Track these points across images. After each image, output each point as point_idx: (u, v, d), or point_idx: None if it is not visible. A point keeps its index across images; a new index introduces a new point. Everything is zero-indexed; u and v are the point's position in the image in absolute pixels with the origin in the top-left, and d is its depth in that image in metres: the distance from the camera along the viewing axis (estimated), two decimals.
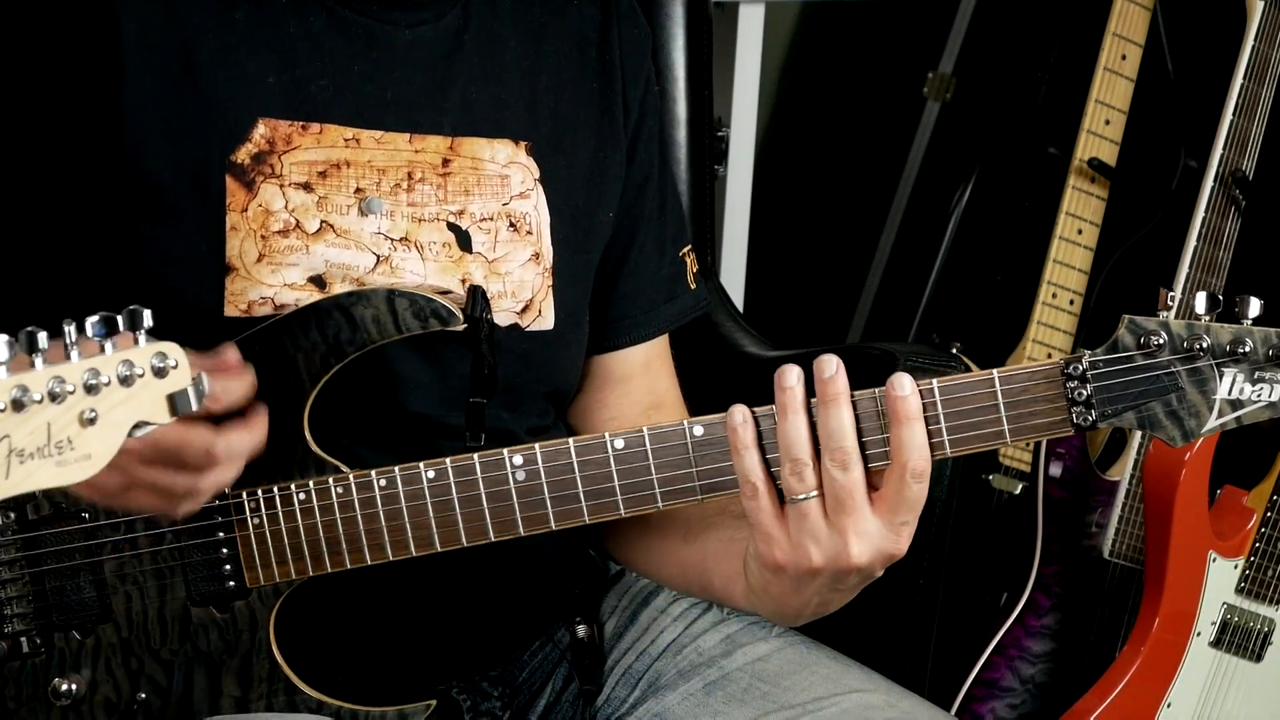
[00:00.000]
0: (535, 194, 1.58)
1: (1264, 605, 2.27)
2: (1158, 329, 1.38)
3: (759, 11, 2.77)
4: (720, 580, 1.52)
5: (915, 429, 1.36)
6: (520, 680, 1.67)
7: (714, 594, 1.55)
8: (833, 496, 1.37)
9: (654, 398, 1.71)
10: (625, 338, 1.69)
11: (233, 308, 1.46)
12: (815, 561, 1.37)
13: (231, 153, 1.46)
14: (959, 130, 3.25)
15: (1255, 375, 1.38)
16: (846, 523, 1.36)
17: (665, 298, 1.72)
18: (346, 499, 1.43)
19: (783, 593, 1.42)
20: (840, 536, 1.36)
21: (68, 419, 1.03)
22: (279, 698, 1.46)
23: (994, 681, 2.39)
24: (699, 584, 1.57)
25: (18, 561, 1.43)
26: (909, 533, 1.38)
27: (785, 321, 2.72)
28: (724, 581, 1.52)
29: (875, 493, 1.37)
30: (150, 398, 1.09)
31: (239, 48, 1.48)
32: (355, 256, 1.50)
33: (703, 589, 1.57)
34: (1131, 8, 2.55)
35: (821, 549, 1.37)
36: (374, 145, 1.51)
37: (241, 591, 1.44)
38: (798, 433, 1.37)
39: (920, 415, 1.36)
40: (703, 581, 1.56)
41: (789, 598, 1.43)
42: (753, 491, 1.38)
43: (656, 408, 1.71)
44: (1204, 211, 2.27)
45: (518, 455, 1.42)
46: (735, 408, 1.39)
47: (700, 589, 1.58)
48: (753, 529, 1.41)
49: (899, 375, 1.37)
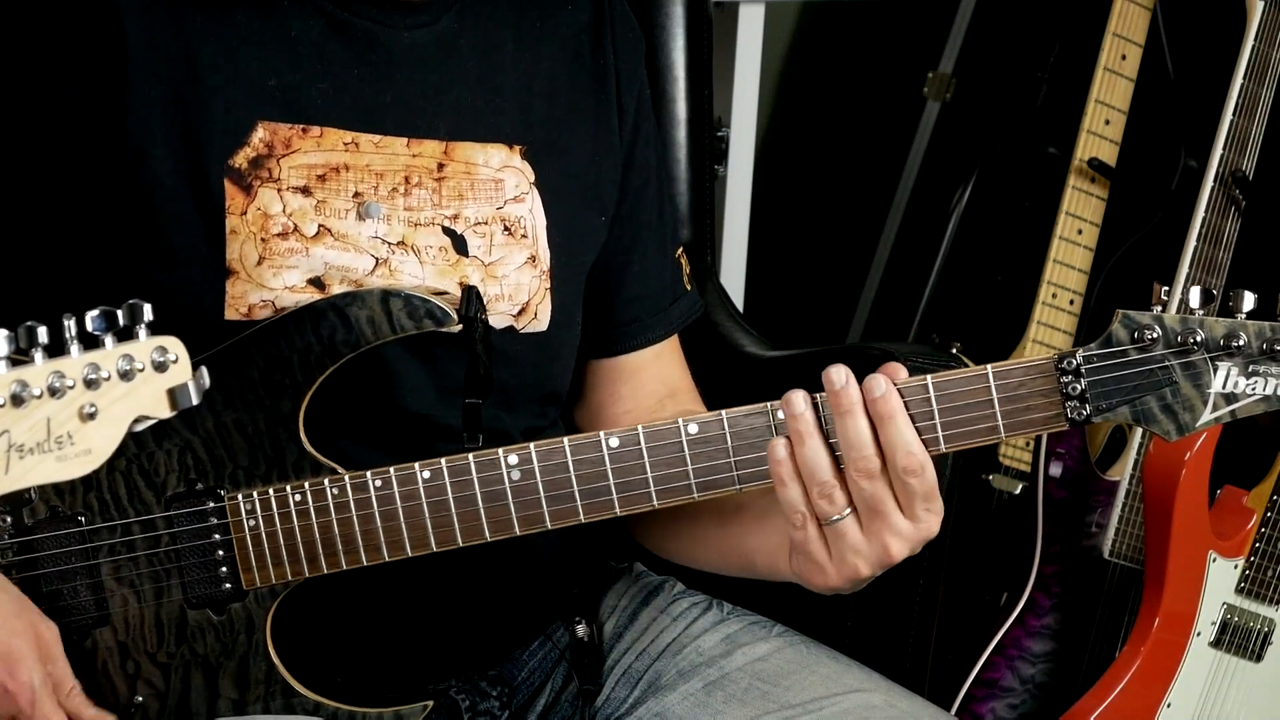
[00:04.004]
0: (530, 198, 1.58)
1: (1264, 605, 2.26)
2: (1152, 323, 1.38)
3: (759, 11, 2.77)
4: (764, 559, 1.54)
5: (897, 426, 1.36)
6: (519, 680, 1.67)
7: (758, 573, 1.57)
8: (865, 507, 1.39)
9: (667, 387, 1.72)
10: (636, 340, 1.70)
11: (233, 310, 1.46)
12: (863, 572, 1.41)
13: (230, 156, 1.46)
14: (959, 130, 3.25)
15: (1249, 369, 1.38)
16: (882, 528, 1.39)
17: (671, 299, 1.72)
18: (342, 500, 1.43)
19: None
20: (879, 542, 1.39)
21: (68, 414, 1.03)
22: (276, 700, 1.46)
23: (994, 681, 2.39)
24: (741, 565, 1.58)
25: (14, 565, 1.43)
26: (938, 513, 1.39)
27: (785, 321, 2.72)
28: (767, 560, 1.53)
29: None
30: (151, 392, 1.09)
31: (239, 50, 1.48)
32: (354, 259, 1.49)
33: (745, 569, 1.58)
34: (1131, 8, 2.54)
35: (865, 559, 1.40)
36: (372, 149, 1.51)
37: (238, 594, 1.44)
38: (818, 457, 1.39)
39: (899, 412, 1.37)
40: (744, 563, 1.57)
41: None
42: (801, 521, 1.40)
43: (671, 396, 1.71)
44: (1204, 211, 2.26)
45: (513, 455, 1.42)
46: (776, 441, 1.40)
47: (742, 569, 1.59)
48: (801, 557, 1.43)
49: (873, 376, 1.38)
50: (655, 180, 1.72)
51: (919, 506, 1.38)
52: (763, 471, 1.42)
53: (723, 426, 1.42)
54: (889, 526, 1.38)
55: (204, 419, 1.43)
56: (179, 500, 1.43)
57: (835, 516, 1.39)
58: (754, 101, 2.77)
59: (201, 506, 1.43)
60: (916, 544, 1.40)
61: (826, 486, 1.38)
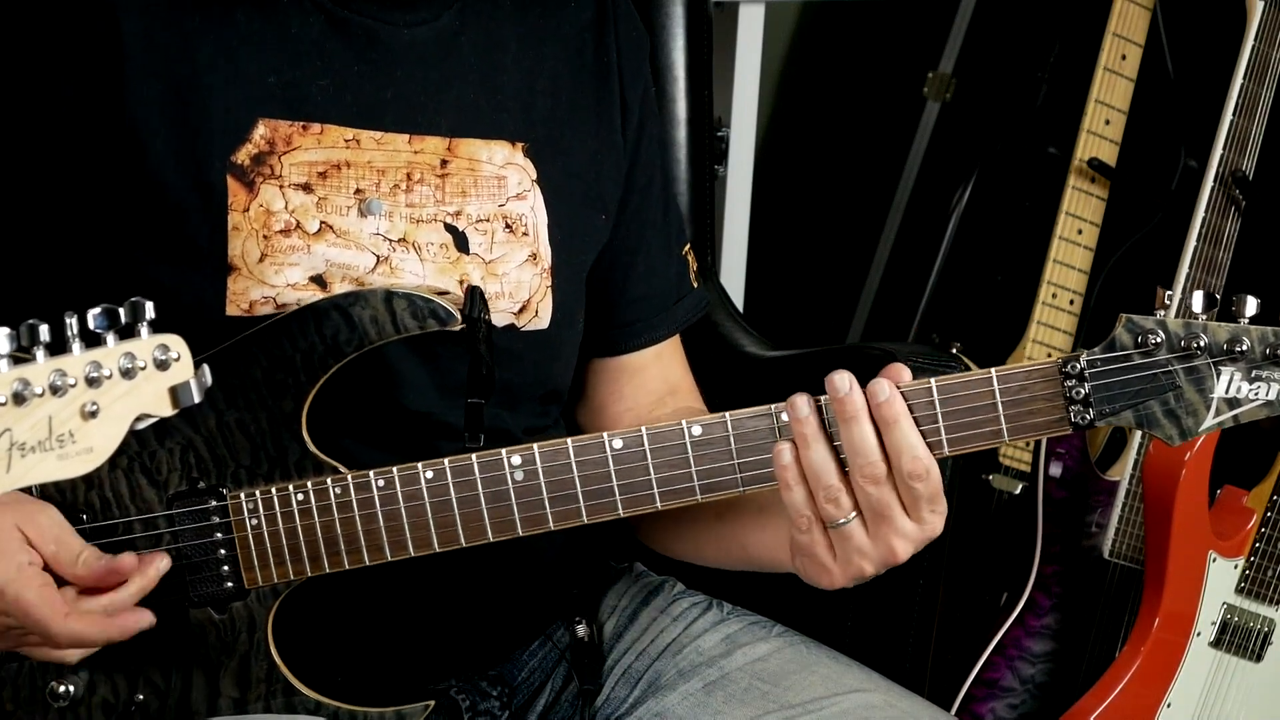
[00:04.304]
0: (532, 195, 1.58)
1: (1264, 605, 2.27)
2: (1155, 328, 1.38)
3: (759, 11, 2.77)
4: (765, 554, 1.55)
5: (902, 431, 1.37)
6: (519, 680, 1.67)
7: (761, 567, 1.57)
8: (870, 511, 1.39)
9: (668, 385, 1.72)
10: (640, 339, 1.70)
11: (234, 307, 1.46)
12: (867, 571, 1.41)
13: (232, 153, 1.46)
14: (959, 130, 3.25)
15: (1252, 374, 1.38)
16: (888, 531, 1.39)
17: (675, 298, 1.72)
18: (345, 500, 1.43)
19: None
20: (884, 544, 1.39)
21: (69, 412, 1.03)
22: (277, 699, 1.46)
23: (994, 681, 2.39)
24: (742, 559, 1.59)
25: None
26: (942, 513, 1.40)
27: (785, 321, 2.72)
28: (768, 554, 1.54)
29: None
30: (153, 390, 1.09)
31: (239, 48, 1.48)
32: (355, 257, 1.49)
33: (748, 564, 1.59)
34: (1131, 8, 2.54)
35: (870, 560, 1.41)
36: (374, 146, 1.51)
37: (240, 593, 1.44)
38: (824, 461, 1.39)
39: (904, 417, 1.37)
40: (745, 556, 1.58)
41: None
42: (807, 525, 1.41)
43: (672, 394, 1.71)
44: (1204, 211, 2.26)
45: (516, 455, 1.42)
46: (781, 445, 1.40)
47: (745, 564, 1.60)
48: (805, 559, 1.43)
49: (877, 381, 1.38)
50: (660, 179, 1.72)
51: (924, 509, 1.38)
52: (766, 474, 1.42)
53: (726, 429, 1.42)
54: (894, 529, 1.39)
55: (206, 417, 1.43)
56: (181, 499, 1.43)
57: (841, 520, 1.39)
58: (754, 101, 2.77)
59: (203, 505, 1.43)
60: (921, 543, 1.40)
61: (832, 491, 1.39)
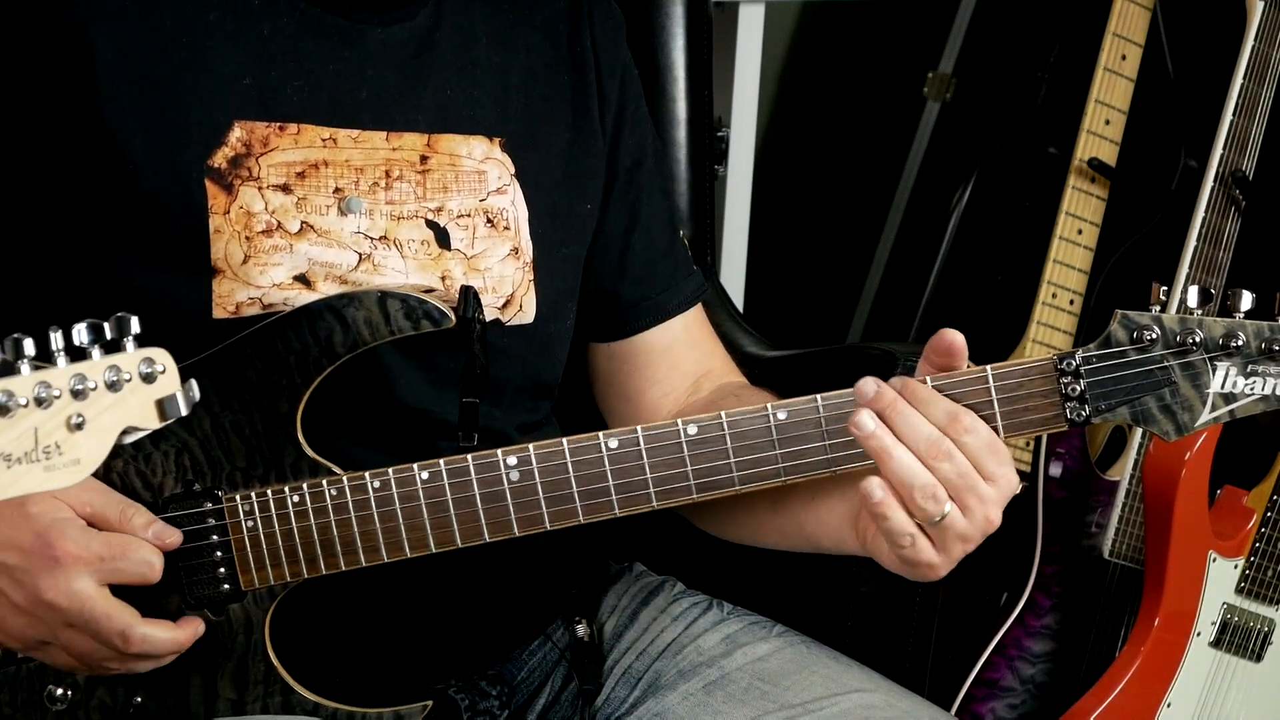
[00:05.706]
0: (512, 189, 1.58)
1: (1264, 605, 2.26)
2: (1150, 324, 1.38)
3: (759, 11, 2.77)
4: (827, 539, 1.52)
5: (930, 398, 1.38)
6: (519, 680, 1.67)
7: (825, 550, 1.55)
8: (957, 489, 1.36)
9: (701, 367, 1.71)
10: (650, 318, 1.70)
11: (221, 309, 1.46)
12: (970, 548, 1.39)
13: (209, 157, 1.46)
14: (959, 130, 3.25)
15: (1248, 368, 1.38)
16: (975, 502, 1.37)
17: (683, 273, 1.72)
18: (341, 501, 1.43)
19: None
20: (980, 513, 1.37)
21: (55, 424, 1.04)
22: (275, 700, 1.46)
23: (994, 681, 2.39)
24: (807, 545, 1.57)
25: None
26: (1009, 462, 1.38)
27: (785, 321, 2.72)
28: (834, 542, 1.51)
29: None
30: (139, 403, 1.09)
31: (212, 51, 1.48)
32: (338, 255, 1.50)
33: (812, 548, 1.56)
34: (1131, 8, 2.54)
35: (970, 538, 1.38)
36: (351, 144, 1.51)
37: (236, 594, 1.44)
38: (910, 463, 1.36)
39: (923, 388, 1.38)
40: (810, 544, 1.56)
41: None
42: (910, 541, 1.37)
43: (705, 375, 1.71)
44: (1204, 211, 2.26)
45: (512, 456, 1.42)
46: (870, 481, 1.36)
47: (809, 548, 1.57)
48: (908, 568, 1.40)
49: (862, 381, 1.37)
50: (650, 160, 1.71)
51: (990, 463, 1.36)
52: (762, 473, 1.42)
53: (722, 428, 1.42)
54: (979, 497, 1.36)
55: (201, 420, 1.43)
56: (176, 501, 1.43)
57: (943, 512, 1.36)
58: (754, 101, 2.77)
59: (199, 508, 1.43)
60: (1003, 500, 1.38)
61: (930, 486, 1.35)
